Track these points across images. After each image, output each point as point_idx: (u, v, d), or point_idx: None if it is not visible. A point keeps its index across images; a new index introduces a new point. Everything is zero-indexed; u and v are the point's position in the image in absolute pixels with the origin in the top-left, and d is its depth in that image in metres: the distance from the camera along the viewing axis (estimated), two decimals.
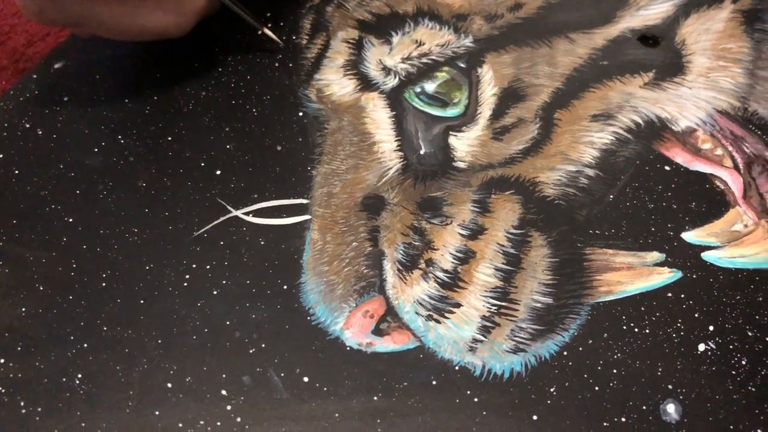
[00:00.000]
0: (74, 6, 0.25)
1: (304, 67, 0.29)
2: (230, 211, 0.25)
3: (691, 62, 0.30)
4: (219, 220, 0.25)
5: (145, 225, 0.25)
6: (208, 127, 0.27)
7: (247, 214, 0.25)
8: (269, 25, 0.29)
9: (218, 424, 0.21)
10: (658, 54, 0.30)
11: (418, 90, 0.28)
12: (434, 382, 0.22)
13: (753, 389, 0.22)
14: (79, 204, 0.26)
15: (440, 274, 0.24)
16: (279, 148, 0.27)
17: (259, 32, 0.29)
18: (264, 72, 0.29)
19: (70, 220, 0.25)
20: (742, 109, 0.28)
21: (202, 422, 0.21)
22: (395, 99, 0.28)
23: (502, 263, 0.24)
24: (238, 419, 0.21)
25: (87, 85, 0.29)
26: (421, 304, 0.23)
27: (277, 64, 0.29)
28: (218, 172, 0.26)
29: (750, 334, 0.23)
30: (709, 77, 0.29)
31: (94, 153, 0.27)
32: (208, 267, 0.24)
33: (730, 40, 0.30)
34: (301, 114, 0.28)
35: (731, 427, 0.22)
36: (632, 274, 0.24)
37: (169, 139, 0.27)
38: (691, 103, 0.28)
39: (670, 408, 0.22)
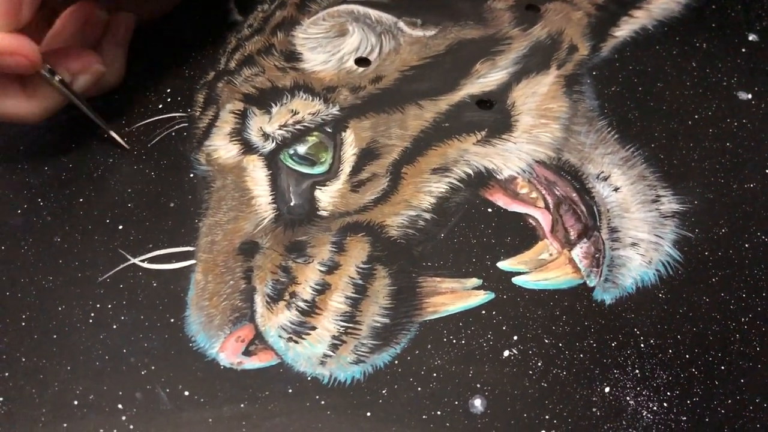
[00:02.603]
0: None
1: (196, 135, 0.35)
2: (129, 259, 0.31)
3: (518, 121, 0.36)
4: (119, 267, 0.30)
5: (59, 273, 0.30)
6: (113, 189, 0.33)
7: (143, 261, 0.30)
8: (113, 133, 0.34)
9: (114, 431, 0.26)
10: (492, 115, 0.36)
11: (292, 152, 0.34)
12: (290, 390, 0.27)
13: (545, 385, 0.28)
14: (4, 257, 0.31)
15: (301, 304, 0.29)
16: (172, 204, 0.32)
17: (106, 135, 0.33)
18: (162, 141, 0.34)
19: None
20: (556, 158, 0.35)
21: (101, 430, 0.26)
22: (272, 160, 0.34)
23: (352, 292, 0.30)
24: (131, 427, 0.26)
25: (11, 155, 0.34)
26: (284, 329, 0.29)
27: (173, 134, 0.35)
28: (120, 227, 0.31)
29: (546, 341, 0.29)
30: (531, 133, 0.35)
31: (17, 214, 0.32)
32: (109, 306, 0.29)
33: (552, 101, 0.37)
34: (192, 175, 0.33)
35: (525, 415, 0.27)
36: (454, 297, 0.30)
37: (81, 200, 0.32)
38: (514, 155, 0.34)
39: (477, 402, 0.28)
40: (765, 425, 0.28)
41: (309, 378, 0.28)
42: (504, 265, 0.31)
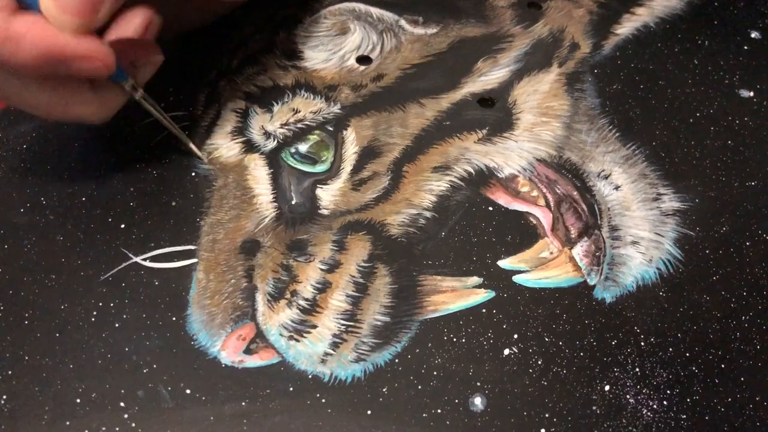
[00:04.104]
0: (6, 83, 0.28)
1: (198, 134, 0.35)
2: (131, 258, 0.31)
3: (520, 119, 0.36)
4: (122, 266, 0.30)
5: (61, 272, 0.30)
6: (115, 187, 0.33)
7: (145, 259, 0.31)
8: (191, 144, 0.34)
9: (117, 429, 0.27)
10: (493, 113, 0.36)
11: (293, 150, 0.34)
12: (291, 389, 0.28)
13: (545, 383, 0.28)
14: (6, 256, 0.31)
15: (302, 302, 0.30)
16: (174, 203, 0.32)
17: (183, 147, 0.33)
18: (164, 140, 0.34)
19: None
20: (557, 156, 0.35)
21: (104, 428, 0.27)
22: (273, 159, 0.34)
23: (353, 291, 0.30)
24: (133, 425, 0.27)
25: (14, 154, 0.34)
26: (285, 327, 0.29)
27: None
28: (122, 226, 0.31)
29: (546, 339, 0.29)
30: (532, 131, 0.35)
31: (20, 213, 0.32)
32: (112, 305, 0.29)
33: (553, 99, 0.37)
34: (193, 174, 0.33)
35: (525, 413, 0.28)
36: (455, 295, 0.30)
37: (83, 199, 0.32)
38: (515, 153, 0.35)
39: (477, 400, 0.28)
40: (765, 424, 0.28)
41: (310, 376, 0.28)
42: (504, 263, 0.31)
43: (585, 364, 0.28)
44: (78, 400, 0.27)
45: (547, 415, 0.27)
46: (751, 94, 0.37)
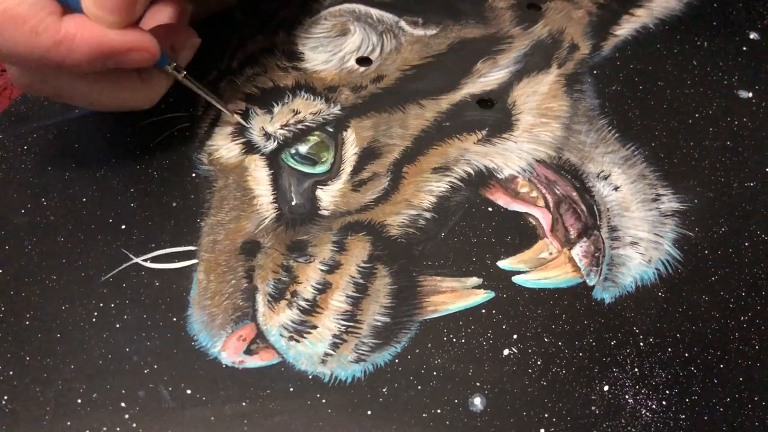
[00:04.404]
0: (58, 81, 0.30)
1: (198, 135, 0.35)
2: (132, 259, 0.31)
3: (519, 120, 0.36)
4: (122, 267, 0.30)
5: (62, 272, 0.30)
6: (116, 188, 0.33)
7: (145, 260, 0.31)
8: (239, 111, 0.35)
9: (118, 429, 0.27)
10: (492, 114, 0.36)
11: (293, 151, 0.34)
12: (291, 389, 0.28)
13: (545, 383, 0.28)
14: (7, 257, 0.31)
15: (302, 303, 0.30)
16: (174, 204, 0.32)
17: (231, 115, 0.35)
18: (164, 141, 0.34)
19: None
20: (557, 158, 0.35)
21: (105, 428, 0.27)
22: (273, 159, 0.34)
23: (353, 291, 0.30)
24: (134, 425, 0.27)
25: (14, 155, 0.34)
26: (285, 328, 0.29)
27: (176, 133, 0.35)
28: (123, 227, 0.32)
29: (546, 340, 0.29)
30: (532, 132, 0.35)
31: (20, 213, 0.32)
32: (112, 305, 0.29)
33: (552, 100, 0.37)
34: (194, 175, 0.33)
35: (524, 414, 0.28)
36: (454, 296, 0.30)
37: (84, 200, 0.32)
38: (515, 154, 0.35)
39: (477, 401, 0.28)
40: (764, 423, 0.28)
41: (310, 377, 0.28)
42: (504, 264, 0.31)
43: (584, 364, 0.29)
44: (79, 401, 0.27)
45: (546, 415, 0.27)
46: (750, 94, 0.38)
